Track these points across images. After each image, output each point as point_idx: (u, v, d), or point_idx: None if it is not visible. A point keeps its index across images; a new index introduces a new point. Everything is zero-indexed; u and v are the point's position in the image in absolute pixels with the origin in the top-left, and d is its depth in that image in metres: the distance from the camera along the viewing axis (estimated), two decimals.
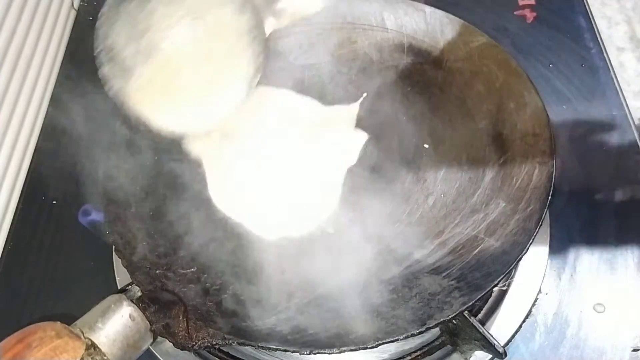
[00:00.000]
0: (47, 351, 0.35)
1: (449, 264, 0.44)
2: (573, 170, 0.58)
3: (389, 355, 0.48)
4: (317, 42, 0.60)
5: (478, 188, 0.50)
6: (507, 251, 0.43)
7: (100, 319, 0.38)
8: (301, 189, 0.53)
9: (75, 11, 0.79)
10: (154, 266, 0.44)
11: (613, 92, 0.65)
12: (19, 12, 0.66)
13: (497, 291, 0.51)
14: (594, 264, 0.53)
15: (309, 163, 0.54)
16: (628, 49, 0.72)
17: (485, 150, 0.52)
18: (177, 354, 0.48)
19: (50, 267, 0.57)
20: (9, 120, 0.64)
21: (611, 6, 0.76)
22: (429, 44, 0.59)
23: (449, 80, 0.57)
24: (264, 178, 0.53)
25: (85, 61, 0.74)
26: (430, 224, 0.49)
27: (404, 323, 0.40)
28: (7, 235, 0.59)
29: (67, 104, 0.70)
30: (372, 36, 0.61)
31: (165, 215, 0.49)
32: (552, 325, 0.50)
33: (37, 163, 0.65)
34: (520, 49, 0.69)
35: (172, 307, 0.40)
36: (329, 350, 0.39)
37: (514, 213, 0.45)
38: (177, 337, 0.39)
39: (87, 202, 0.58)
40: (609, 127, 0.63)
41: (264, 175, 0.53)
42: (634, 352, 0.48)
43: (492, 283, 0.41)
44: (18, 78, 0.65)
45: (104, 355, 0.37)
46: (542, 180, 0.46)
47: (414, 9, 0.60)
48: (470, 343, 0.45)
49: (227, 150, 0.55)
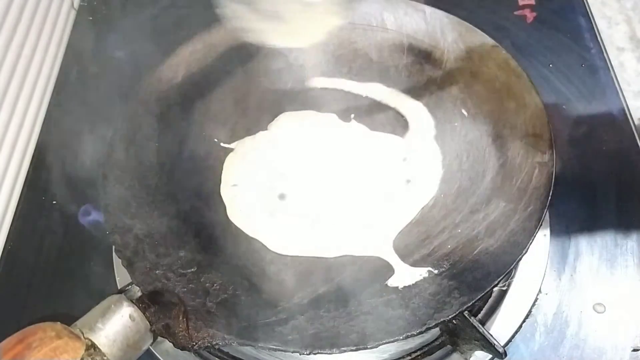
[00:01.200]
0: (47, 352, 0.35)
1: (449, 264, 0.44)
2: (573, 170, 0.58)
3: (389, 355, 0.48)
4: (317, 42, 0.60)
5: (478, 188, 0.50)
6: (507, 251, 0.43)
7: (100, 319, 0.38)
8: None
9: (75, 11, 0.79)
10: (154, 266, 0.44)
11: (613, 92, 0.65)
12: (19, 12, 0.66)
13: (497, 291, 0.51)
14: (594, 264, 0.53)
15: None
16: (628, 49, 0.72)
17: (485, 150, 0.52)
18: (177, 354, 0.48)
19: (50, 267, 0.57)
20: (9, 120, 0.64)
21: (611, 6, 0.76)
22: (429, 44, 0.59)
23: (449, 80, 0.57)
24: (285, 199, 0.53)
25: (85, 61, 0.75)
26: (430, 224, 0.49)
27: (404, 323, 0.40)
28: (7, 235, 0.59)
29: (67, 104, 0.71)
30: (372, 36, 0.61)
31: (165, 215, 0.49)
32: (552, 325, 0.50)
33: (37, 163, 0.65)
34: (520, 49, 0.69)
35: (172, 308, 0.40)
36: (329, 350, 0.39)
37: (514, 213, 0.45)
38: (177, 338, 0.39)
39: (87, 202, 0.58)
40: (609, 127, 0.63)
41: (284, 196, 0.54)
42: (634, 352, 0.48)
43: (492, 283, 0.41)
44: (18, 78, 0.65)
45: (104, 356, 0.37)
46: (542, 181, 0.46)
47: (414, 9, 0.60)
48: (470, 343, 0.45)
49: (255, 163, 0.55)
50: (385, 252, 0.48)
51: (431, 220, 0.50)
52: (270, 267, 0.48)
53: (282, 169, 0.55)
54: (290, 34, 0.49)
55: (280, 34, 0.48)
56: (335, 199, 0.53)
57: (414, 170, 0.54)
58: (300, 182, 0.54)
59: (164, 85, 0.57)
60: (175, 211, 0.50)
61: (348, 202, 0.52)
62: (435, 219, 0.50)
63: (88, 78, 0.73)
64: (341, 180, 0.54)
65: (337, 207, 0.52)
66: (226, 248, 0.50)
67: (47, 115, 0.69)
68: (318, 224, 0.51)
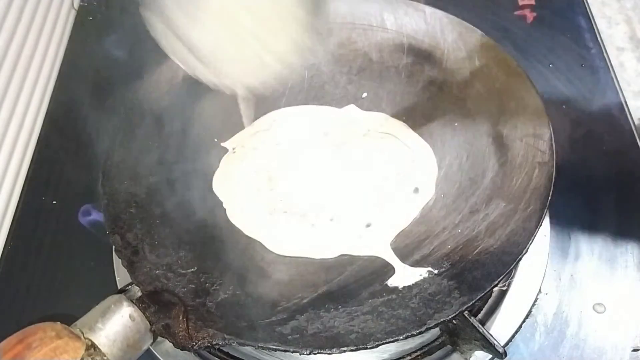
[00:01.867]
0: (47, 352, 0.35)
1: (449, 264, 0.44)
2: (573, 170, 0.58)
3: (389, 355, 0.48)
4: (317, 42, 0.60)
5: (478, 188, 0.50)
6: (507, 251, 0.43)
7: (100, 319, 0.38)
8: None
9: (75, 11, 0.79)
10: (154, 266, 0.44)
11: (613, 92, 0.65)
12: (19, 12, 0.66)
13: (497, 291, 0.51)
14: (594, 264, 0.53)
15: None
16: (628, 49, 0.72)
17: (485, 150, 0.52)
18: (177, 354, 0.48)
19: (50, 267, 0.57)
20: (9, 120, 0.64)
21: (611, 6, 0.76)
22: (429, 44, 0.59)
23: (449, 80, 0.57)
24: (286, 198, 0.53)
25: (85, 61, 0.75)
26: (430, 224, 0.49)
27: (404, 323, 0.40)
28: (7, 235, 0.59)
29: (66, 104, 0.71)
30: (372, 36, 0.61)
31: (165, 215, 0.49)
32: (552, 325, 0.50)
33: (37, 163, 0.65)
34: (520, 49, 0.69)
35: (172, 308, 0.40)
36: (328, 350, 0.39)
37: (514, 213, 0.45)
38: (177, 338, 0.39)
39: (87, 202, 0.58)
40: (609, 127, 0.63)
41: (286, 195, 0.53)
42: (634, 352, 0.48)
43: (492, 283, 0.41)
44: (18, 78, 0.65)
45: (104, 356, 0.37)
46: (542, 181, 0.46)
47: (414, 9, 0.60)
48: (470, 343, 0.45)
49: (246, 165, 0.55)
50: (385, 252, 0.48)
51: (431, 220, 0.50)
52: (270, 267, 0.48)
53: (282, 169, 0.55)
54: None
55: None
56: (335, 198, 0.53)
57: (414, 170, 0.54)
58: (300, 182, 0.54)
59: (163, 85, 0.57)
60: (175, 211, 0.50)
61: (348, 202, 0.52)
62: (435, 219, 0.50)
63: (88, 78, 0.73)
64: (341, 180, 0.54)
65: (337, 207, 0.52)
66: (226, 248, 0.50)
67: (47, 115, 0.69)
68: (318, 224, 0.51)
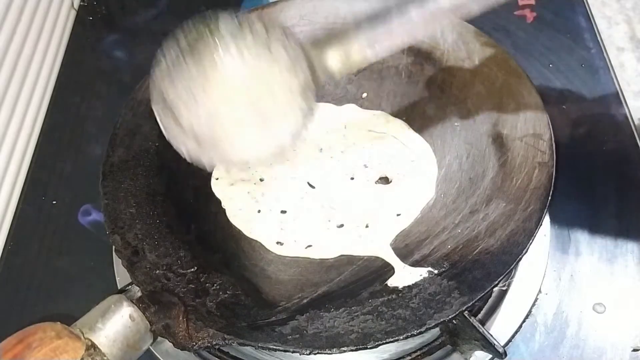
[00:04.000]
0: (47, 352, 0.35)
1: (449, 264, 0.44)
2: (573, 170, 0.58)
3: (389, 355, 0.48)
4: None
5: (478, 188, 0.50)
6: (507, 251, 0.43)
7: (100, 319, 0.38)
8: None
9: (75, 11, 0.79)
10: (154, 266, 0.44)
11: (613, 92, 0.65)
12: (19, 12, 0.66)
13: (497, 291, 0.51)
14: (594, 264, 0.53)
15: None
16: (628, 49, 0.72)
17: (485, 150, 0.52)
18: (177, 354, 0.48)
19: (50, 267, 0.57)
20: (9, 120, 0.64)
21: (611, 6, 0.76)
22: (429, 44, 0.59)
23: (449, 80, 0.57)
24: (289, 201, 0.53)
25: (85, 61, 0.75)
26: (430, 224, 0.49)
27: (404, 323, 0.40)
28: (7, 235, 0.60)
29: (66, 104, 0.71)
30: None
31: (165, 215, 0.49)
32: (552, 325, 0.50)
33: (37, 163, 0.65)
34: (520, 49, 0.69)
35: (172, 308, 0.40)
36: (328, 350, 0.39)
37: (514, 213, 0.45)
38: (177, 338, 0.39)
39: (87, 202, 0.58)
40: (609, 127, 0.63)
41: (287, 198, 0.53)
42: (634, 352, 0.48)
43: (492, 283, 0.41)
44: (18, 78, 0.65)
45: (104, 356, 0.37)
46: (542, 181, 0.46)
47: None
48: (470, 343, 0.45)
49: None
50: (385, 252, 0.48)
51: (431, 220, 0.50)
52: (270, 267, 0.48)
53: (282, 169, 0.55)
54: None
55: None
56: (335, 198, 0.53)
57: (414, 170, 0.54)
58: (300, 181, 0.54)
59: None
60: (175, 211, 0.50)
61: (348, 202, 0.52)
62: (435, 219, 0.50)
63: (88, 78, 0.73)
64: (341, 180, 0.54)
65: (337, 207, 0.52)
66: (226, 248, 0.50)
67: (47, 115, 0.69)
68: (318, 224, 0.51)
